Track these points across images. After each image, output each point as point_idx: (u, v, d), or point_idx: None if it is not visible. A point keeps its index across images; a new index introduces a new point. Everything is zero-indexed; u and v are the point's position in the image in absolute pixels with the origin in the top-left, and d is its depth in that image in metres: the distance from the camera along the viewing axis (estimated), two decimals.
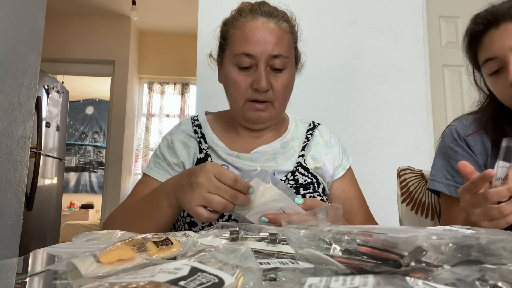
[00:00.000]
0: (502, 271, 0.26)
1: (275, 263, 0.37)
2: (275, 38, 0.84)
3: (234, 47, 0.86)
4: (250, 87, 0.84)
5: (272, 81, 0.84)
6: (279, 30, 0.85)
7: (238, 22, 0.87)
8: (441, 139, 0.99)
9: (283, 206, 0.65)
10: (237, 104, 0.87)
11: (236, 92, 0.86)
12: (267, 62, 0.84)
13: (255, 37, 0.83)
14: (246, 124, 0.92)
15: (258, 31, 0.84)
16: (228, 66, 0.87)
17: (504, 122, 0.88)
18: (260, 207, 0.65)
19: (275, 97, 0.85)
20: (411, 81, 1.84)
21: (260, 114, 0.87)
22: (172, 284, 0.23)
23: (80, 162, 6.72)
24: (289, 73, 0.88)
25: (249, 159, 0.89)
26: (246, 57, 0.83)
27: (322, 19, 1.85)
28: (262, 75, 0.82)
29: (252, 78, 0.84)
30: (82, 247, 0.47)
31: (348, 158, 0.99)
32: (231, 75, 0.86)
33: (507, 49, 0.81)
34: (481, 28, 0.86)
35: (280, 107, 0.89)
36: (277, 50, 0.83)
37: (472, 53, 0.92)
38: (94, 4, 4.25)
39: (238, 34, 0.85)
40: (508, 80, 0.80)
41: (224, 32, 0.90)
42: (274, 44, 0.83)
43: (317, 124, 1.03)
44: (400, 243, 0.33)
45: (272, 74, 0.85)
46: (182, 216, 0.85)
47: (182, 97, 5.11)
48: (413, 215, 1.09)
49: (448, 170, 0.93)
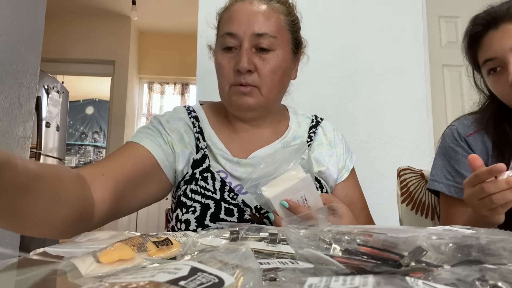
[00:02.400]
0: (502, 271, 0.26)
1: (275, 263, 0.37)
2: (261, 17, 0.79)
3: (220, 30, 0.83)
4: (233, 70, 0.79)
5: (257, 62, 0.78)
6: (268, 9, 0.80)
7: (228, 5, 0.84)
8: (441, 139, 0.99)
9: (305, 193, 0.61)
10: (223, 89, 0.82)
11: (221, 77, 0.81)
12: (251, 42, 0.78)
13: (239, 16, 0.79)
14: (234, 112, 0.85)
15: (244, 10, 0.79)
16: (216, 51, 0.84)
17: (505, 122, 0.88)
18: (281, 183, 0.60)
19: (261, 81, 0.79)
20: (411, 81, 1.84)
21: (245, 99, 0.79)
22: (172, 284, 0.23)
23: (80, 162, 6.72)
24: (279, 56, 0.80)
25: (250, 165, 0.82)
26: (229, 37, 0.79)
27: (322, 19, 1.85)
28: (243, 53, 0.77)
29: (235, 60, 0.78)
30: (82, 247, 0.47)
31: (352, 157, 0.95)
32: (217, 59, 0.82)
33: (506, 49, 0.81)
34: (480, 29, 0.87)
35: (269, 94, 0.81)
36: (262, 28, 0.78)
37: (472, 54, 0.92)
38: (94, 4, 4.25)
39: (225, 15, 0.83)
40: (509, 80, 0.80)
41: (218, 18, 0.87)
42: (260, 23, 0.78)
43: (320, 119, 0.96)
44: (400, 243, 0.33)
45: (258, 54, 0.79)
46: (179, 228, 0.78)
47: (182, 97, 5.11)
48: (413, 215, 1.09)
49: (448, 170, 0.93)
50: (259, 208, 0.78)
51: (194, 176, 0.80)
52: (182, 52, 4.76)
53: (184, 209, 0.78)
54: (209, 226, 0.75)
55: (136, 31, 4.83)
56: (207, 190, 0.78)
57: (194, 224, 0.76)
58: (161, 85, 5.12)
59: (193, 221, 0.76)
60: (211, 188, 0.78)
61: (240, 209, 0.77)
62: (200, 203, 0.77)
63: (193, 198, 0.78)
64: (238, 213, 0.77)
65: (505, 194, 0.65)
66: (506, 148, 0.83)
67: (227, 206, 0.77)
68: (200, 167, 0.81)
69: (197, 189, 0.78)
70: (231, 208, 0.77)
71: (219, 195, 0.78)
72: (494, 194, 0.66)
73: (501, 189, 0.65)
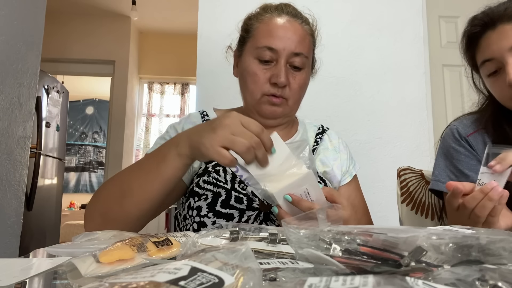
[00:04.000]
0: (502, 271, 0.26)
1: (275, 263, 0.37)
2: (298, 37, 0.86)
3: (257, 40, 0.87)
4: (268, 81, 0.85)
5: (290, 78, 0.85)
6: (302, 31, 0.87)
7: (263, 17, 0.89)
8: (441, 139, 0.99)
9: (308, 188, 0.62)
10: (253, 97, 0.87)
11: (254, 85, 0.86)
12: (287, 58, 0.85)
13: (279, 33, 0.85)
14: (259, 118, 0.90)
15: (283, 27, 0.86)
16: (248, 58, 0.88)
17: (504, 122, 0.88)
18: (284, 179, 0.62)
19: (291, 95, 0.86)
20: (411, 81, 1.84)
21: (275, 109, 0.87)
22: (172, 284, 0.23)
23: (80, 162, 6.72)
24: (306, 74, 0.89)
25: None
26: (268, 50, 0.84)
27: (322, 19, 1.85)
28: (282, 70, 0.83)
29: (271, 72, 0.85)
30: (82, 247, 0.47)
31: (355, 165, 0.99)
32: (250, 67, 0.87)
33: (504, 50, 0.81)
34: (478, 30, 0.86)
35: (294, 106, 0.90)
36: (299, 48, 0.85)
37: (470, 55, 0.92)
38: (94, 4, 4.25)
39: (263, 28, 0.87)
40: (507, 81, 0.80)
41: (248, 26, 0.91)
42: (297, 42, 0.85)
43: (326, 128, 1.03)
44: (400, 243, 0.33)
45: (291, 71, 0.86)
46: (190, 215, 0.82)
47: (182, 97, 5.11)
48: (413, 215, 1.09)
49: (451, 170, 0.93)
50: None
51: (207, 170, 0.85)
52: (182, 52, 4.76)
53: (196, 197, 0.82)
54: (219, 212, 0.79)
55: (136, 31, 4.83)
56: (219, 181, 0.83)
57: (206, 209, 0.80)
58: (161, 85, 5.12)
59: (205, 207, 0.80)
60: (223, 180, 0.83)
61: (249, 198, 0.81)
62: (211, 191, 0.82)
63: (205, 188, 0.82)
64: (247, 201, 0.81)
65: (484, 204, 0.64)
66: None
67: (237, 195, 0.81)
68: (213, 162, 0.86)
69: (210, 179, 0.83)
70: (240, 197, 0.81)
71: (230, 185, 0.82)
72: (476, 208, 0.65)
73: (479, 199, 0.64)
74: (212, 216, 0.79)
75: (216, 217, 0.79)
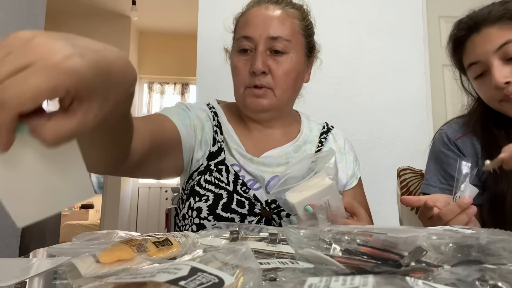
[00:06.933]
0: (502, 271, 0.26)
1: (275, 263, 0.37)
2: (276, 21, 0.82)
3: (237, 33, 0.87)
4: (248, 72, 0.82)
5: (271, 64, 0.81)
6: (283, 14, 0.84)
7: (245, 11, 0.88)
8: (432, 144, 1.00)
9: (329, 199, 0.62)
10: (238, 91, 0.85)
11: (237, 78, 0.85)
12: (266, 44, 0.81)
13: (254, 20, 0.83)
14: (248, 113, 0.88)
15: (259, 14, 0.83)
16: (232, 54, 0.88)
17: (492, 124, 0.89)
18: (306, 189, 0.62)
19: (275, 83, 0.82)
20: (411, 81, 1.84)
21: (259, 101, 0.82)
22: (172, 284, 0.23)
23: None
24: (293, 59, 0.83)
25: (261, 164, 0.85)
26: (245, 40, 0.83)
27: (322, 19, 1.85)
28: (257, 56, 0.80)
29: (251, 62, 0.82)
30: (82, 247, 0.47)
31: (359, 167, 0.97)
32: (233, 61, 0.86)
33: (489, 53, 0.81)
34: (463, 34, 0.87)
35: (282, 96, 0.84)
36: (277, 32, 0.81)
37: (457, 58, 0.92)
38: (94, 4, 4.25)
39: (242, 20, 0.87)
40: (493, 83, 0.80)
41: (235, 23, 0.91)
42: (275, 27, 0.81)
43: (331, 127, 1.00)
44: (400, 243, 0.33)
45: (272, 57, 0.82)
46: (190, 215, 0.80)
47: (182, 97, 5.11)
48: (413, 215, 1.09)
49: (441, 174, 0.93)
50: (269, 203, 0.81)
51: (209, 168, 0.83)
52: (182, 52, 4.76)
53: (197, 197, 0.79)
54: (220, 216, 0.77)
55: (136, 31, 4.83)
56: (221, 181, 0.81)
57: (206, 212, 0.77)
58: (161, 85, 5.11)
59: (205, 209, 0.77)
60: (225, 180, 0.81)
61: (251, 202, 0.80)
62: (213, 192, 0.79)
63: (206, 188, 0.80)
64: (249, 206, 0.79)
65: (460, 218, 0.65)
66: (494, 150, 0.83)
67: (239, 198, 0.79)
68: (215, 159, 0.84)
69: (211, 179, 0.81)
70: (242, 200, 0.79)
71: (232, 187, 0.80)
72: (451, 220, 0.65)
73: (456, 213, 0.65)
74: (212, 219, 0.77)
75: (216, 221, 0.77)
